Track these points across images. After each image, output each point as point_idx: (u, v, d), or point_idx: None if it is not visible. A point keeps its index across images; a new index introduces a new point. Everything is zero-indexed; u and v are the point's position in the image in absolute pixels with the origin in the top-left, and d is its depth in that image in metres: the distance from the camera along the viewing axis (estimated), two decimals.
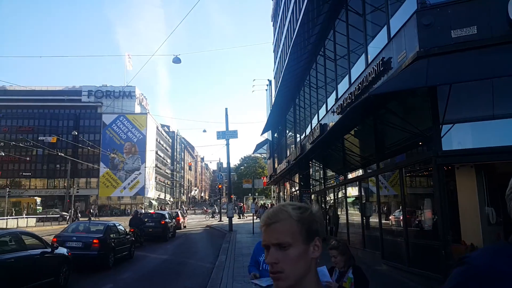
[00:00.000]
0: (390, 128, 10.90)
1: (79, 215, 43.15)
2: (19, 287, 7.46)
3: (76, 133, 51.08)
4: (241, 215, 46.34)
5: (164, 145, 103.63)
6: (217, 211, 58.80)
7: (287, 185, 34.93)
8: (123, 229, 14.29)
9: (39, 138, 69.76)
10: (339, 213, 17.73)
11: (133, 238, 15.35)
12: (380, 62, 9.87)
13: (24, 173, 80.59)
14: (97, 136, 79.38)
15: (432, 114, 8.05)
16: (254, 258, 4.19)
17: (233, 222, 26.19)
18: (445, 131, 7.91)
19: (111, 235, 12.60)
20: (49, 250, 8.81)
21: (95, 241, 11.54)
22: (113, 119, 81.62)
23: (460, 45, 7.67)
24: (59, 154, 42.71)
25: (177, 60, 19.82)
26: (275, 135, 38.03)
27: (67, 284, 9.28)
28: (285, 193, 36.55)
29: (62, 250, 9.60)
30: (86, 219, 33.58)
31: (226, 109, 27.87)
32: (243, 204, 55.74)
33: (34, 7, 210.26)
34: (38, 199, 53.94)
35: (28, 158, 66.23)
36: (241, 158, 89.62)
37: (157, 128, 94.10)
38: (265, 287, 3.81)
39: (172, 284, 9.81)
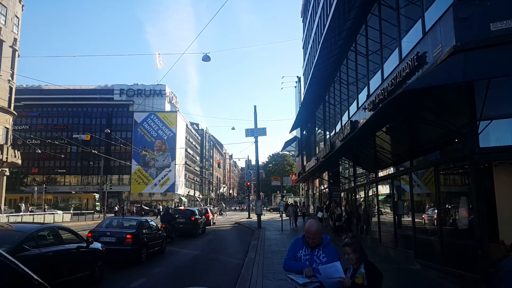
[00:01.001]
0: (424, 124, 10.59)
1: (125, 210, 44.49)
2: (56, 280, 7.70)
3: (109, 131, 52.56)
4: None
5: (194, 143, 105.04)
6: (224, 207, 59.09)
7: (316, 182, 34.67)
8: (155, 224, 14.57)
9: (73, 136, 72.34)
10: (369, 211, 17.43)
11: (165, 234, 15.63)
12: (415, 57, 9.60)
13: (59, 170, 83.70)
14: (129, 134, 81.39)
15: (469, 110, 7.77)
16: (292, 252, 4.20)
17: (261, 219, 26.28)
18: (482, 128, 7.62)
19: (144, 231, 12.86)
20: (84, 244, 9.02)
21: (128, 236, 11.80)
22: (144, 117, 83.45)
23: (499, 39, 7.35)
24: (93, 151, 44.03)
25: (206, 58, 19.99)
26: (304, 132, 37.79)
27: (101, 278, 9.51)
28: (314, 191, 36.30)
29: (97, 245, 9.84)
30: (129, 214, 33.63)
31: (255, 106, 27.90)
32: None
33: (66, 8, 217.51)
34: (97, 195, 56.28)
35: (63, 156, 68.63)
36: (269, 155, 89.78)
37: (186, 126, 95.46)
38: (302, 284, 3.79)
39: (203, 279, 9.91)
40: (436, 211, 10.24)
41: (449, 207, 10.05)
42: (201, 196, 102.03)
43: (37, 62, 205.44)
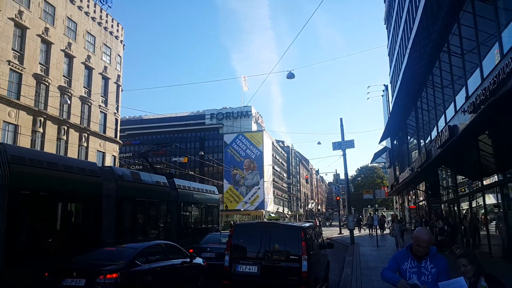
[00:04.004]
0: None
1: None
2: None
3: (203, 153, 55.48)
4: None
5: (280, 160, 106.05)
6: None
7: (412, 194, 32.62)
8: None
9: (172, 159, 77.83)
10: (476, 223, 15.90)
11: None
12: None
13: None
14: (220, 155, 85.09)
15: None
16: (395, 264, 3.97)
17: (354, 235, 25.36)
18: None
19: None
20: (188, 260, 9.51)
21: (226, 251, 12.20)
22: (233, 138, 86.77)
23: None
24: (190, 172, 46.77)
25: (291, 76, 20.26)
26: (395, 142, 36.02)
27: None
28: (410, 203, 34.15)
29: (199, 260, 10.32)
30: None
31: (341, 119, 27.32)
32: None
33: (161, 43, 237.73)
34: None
35: None
36: (358, 168, 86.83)
37: (272, 144, 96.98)
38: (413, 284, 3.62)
39: None
40: None
41: None
42: (290, 213, 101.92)
43: (138, 95, 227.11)
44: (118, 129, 37.31)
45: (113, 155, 35.19)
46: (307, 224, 9.35)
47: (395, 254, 4.15)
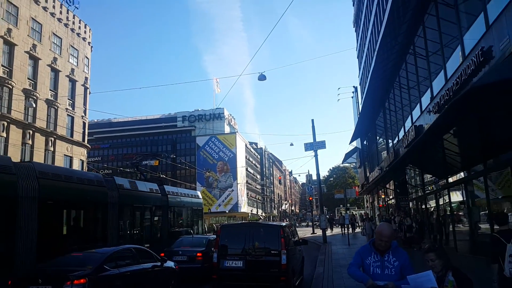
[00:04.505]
0: (498, 122, 9.90)
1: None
2: None
3: (175, 156, 54.75)
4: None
5: (253, 162, 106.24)
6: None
7: (381, 193, 33.39)
8: None
9: (143, 163, 76.11)
10: (442, 220, 16.44)
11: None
12: (479, 53, 9.09)
13: None
14: (192, 158, 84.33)
15: None
16: (359, 259, 4.06)
17: (326, 234, 25.71)
18: None
19: (212, 248, 13.11)
20: (159, 263, 9.38)
21: (198, 254, 12.11)
22: (205, 140, 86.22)
23: None
24: (161, 176, 46.00)
25: (262, 77, 20.36)
26: (365, 142, 36.80)
27: None
28: (380, 202, 34.95)
29: (170, 264, 10.20)
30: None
31: (312, 120, 27.69)
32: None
33: (130, 44, 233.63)
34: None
35: None
36: (330, 169, 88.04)
37: (245, 146, 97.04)
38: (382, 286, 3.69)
39: None
40: None
41: None
42: (263, 214, 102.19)
43: (106, 98, 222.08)
44: (86, 132, 36.34)
45: (81, 160, 34.23)
46: (285, 223, 10.82)
47: (358, 250, 4.25)
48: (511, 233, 4.97)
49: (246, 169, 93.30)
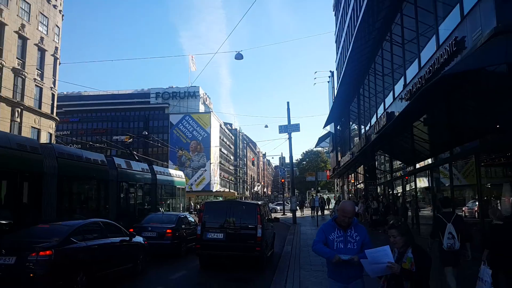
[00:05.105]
0: (465, 111, 10.25)
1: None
2: (101, 272, 8.03)
3: (147, 133, 53.85)
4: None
5: (227, 143, 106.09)
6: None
7: (351, 177, 34.17)
8: (193, 220, 14.87)
9: (113, 138, 74.75)
10: (408, 204, 17.03)
11: None
12: (453, 42, 9.29)
13: None
14: (165, 136, 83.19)
15: None
16: (322, 236, 4.20)
17: (297, 216, 26.20)
18: None
19: (183, 226, 13.18)
20: (127, 238, 9.37)
21: (168, 231, 12.15)
22: (179, 119, 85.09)
23: None
24: (132, 153, 45.23)
25: (239, 56, 20.12)
26: (338, 127, 37.33)
27: (144, 270, 9.84)
28: (349, 186, 35.79)
29: (139, 239, 10.19)
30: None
31: (288, 102, 27.79)
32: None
33: (104, 16, 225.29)
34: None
35: None
36: (303, 152, 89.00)
37: (220, 126, 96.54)
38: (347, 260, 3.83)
39: (240, 271, 10.03)
40: (477, 203, 9.89)
41: (492, 198, 9.69)
42: (236, 195, 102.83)
43: (77, 69, 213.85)
44: (55, 105, 35.16)
45: (49, 132, 33.19)
46: (261, 202, 12.56)
47: (321, 227, 4.41)
48: (452, 214, 6.57)
49: (220, 150, 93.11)
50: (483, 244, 5.77)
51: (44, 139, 31.45)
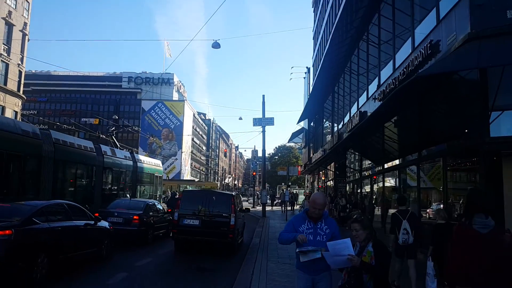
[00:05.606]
0: (435, 115, 10.53)
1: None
2: (64, 255, 7.80)
3: (117, 117, 52.58)
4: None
5: (200, 132, 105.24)
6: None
7: (322, 174, 34.66)
8: (161, 208, 14.67)
9: (82, 120, 72.53)
10: (375, 203, 17.45)
11: (171, 218, 15.71)
12: (428, 45, 9.51)
13: None
14: (136, 122, 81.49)
15: (481, 100, 7.71)
16: (291, 228, 4.20)
17: (266, 210, 26.36)
18: (493, 118, 7.56)
19: (150, 213, 12.98)
20: (92, 222, 9.15)
21: (135, 217, 11.92)
22: (151, 105, 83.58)
23: None
24: (101, 136, 44.13)
25: (216, 45, 19.93)
26: (312, 124, 37.71)
27: (109, 256, 9.64)
28: (319, 183, 36.29)
29: (104, 224, 9.97)
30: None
31: (263, 95, 27.81)
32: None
33: None
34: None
35: None
36: (276, 147, 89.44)
37: (193, 115, 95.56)
38: (311, 250, 3.83)
39: (208, 261, 10.00)
40: (441, 205, 10.22)
41: (457, 201, 10.02)
42: (218, 186, 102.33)
43: (46, 48, 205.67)
44: (22, 82, 33.78)
45: (14, 111, 31.87)
46: (235, 193, 13.82)
47: (291, 219, 4.43)
48: (407, 212, 7.25)
49: (192, 139, 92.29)
50: (430, 242, 6.24)
51: (8, 116, 30.16)
